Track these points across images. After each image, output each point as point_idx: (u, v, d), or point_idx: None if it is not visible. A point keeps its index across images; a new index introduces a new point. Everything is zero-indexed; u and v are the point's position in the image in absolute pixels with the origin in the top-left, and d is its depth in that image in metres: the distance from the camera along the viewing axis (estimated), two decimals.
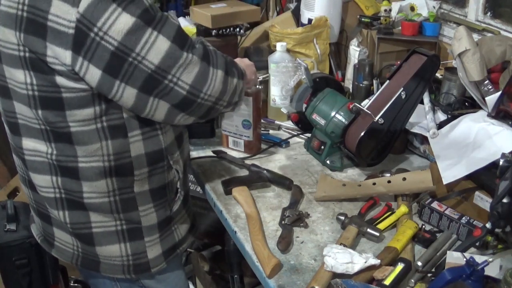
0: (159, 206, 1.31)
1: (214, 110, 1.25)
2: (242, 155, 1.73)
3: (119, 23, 1.04)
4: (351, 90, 2.02)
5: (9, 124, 1.25)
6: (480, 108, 1.61)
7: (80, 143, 1.17)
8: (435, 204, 1.39)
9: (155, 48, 1.08)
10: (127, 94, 1.11)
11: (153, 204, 1.29)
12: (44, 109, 1.14)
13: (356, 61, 2.01)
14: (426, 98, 1.74)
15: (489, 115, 1.54)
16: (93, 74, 1.07)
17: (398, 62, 1.66)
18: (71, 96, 1.11)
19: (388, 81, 1.62)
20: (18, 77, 1.13)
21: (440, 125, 1.64)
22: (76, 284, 2.26)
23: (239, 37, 2.22)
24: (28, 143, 1.22)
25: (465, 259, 1.11)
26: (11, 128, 1.25)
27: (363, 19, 2.18)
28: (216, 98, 1.21)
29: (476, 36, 1.91)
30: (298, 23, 2.28)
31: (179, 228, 1.39)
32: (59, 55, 1.06)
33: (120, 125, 1.18)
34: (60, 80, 1.10)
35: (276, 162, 1.71)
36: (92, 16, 1.03)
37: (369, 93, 1.91)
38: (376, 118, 1.51)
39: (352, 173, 1.65)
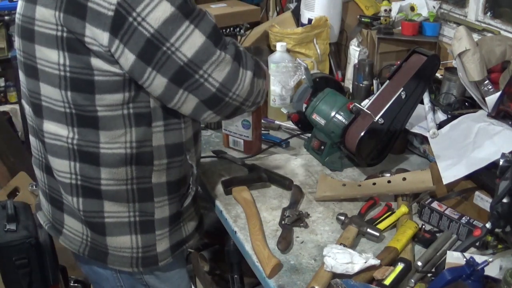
0: (173, 200, 1.32)
1: (240, 110, 1.27)
2: (242, 155, 1.73)
3: (158, 11, 1.07)
4: (351, 90, 2.02)
5: (32, 105, 1.26)
6: (480, 108, 1.61)
7: (105, 128, 1.18)
8: (435, 204, 1.39)
9: (190, 41, 1.10)
10: (157, 82, 1.13)
11: (168, 196, 1.31)
12: (74, 91, 1.16)
13: (356, 61, 2.01)
14: (426, 98, 1.74)
15: (489, 115, 1.54)
16: (127, 58, 1.10)
17: (398, 62, 1.66)
18: (103, 79, 1.13)
19: (388, 81, 1.62)
20: (52, 57, 1.15)
21: (440, 125, 1.64)
22: (76, 284, 2.25)
23: (239, 37, 2.22)
24: (50, 126, 1.23)
25: (465, 259, 1.11)
26: (34, 110, 1.26)
27: (363, 19, 2.18)
28: (244, 98, 1.23)
29: (476, 36, 1.91)
30: (298, 23, 2.28)
31: (187, 224, 1.40)
32: (97, 36, 1.08)
33: (146, 114, 1.20)
34: (95, 61, 1.11)
35: (276, 162, 1.71)
36: (132, 1, 1.06)
37: (369, 93, 1.91)
38: (376, 118, 1.51)
39: (352, 173, 1.65)
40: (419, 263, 1.21)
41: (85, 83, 1.14)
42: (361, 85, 1.94)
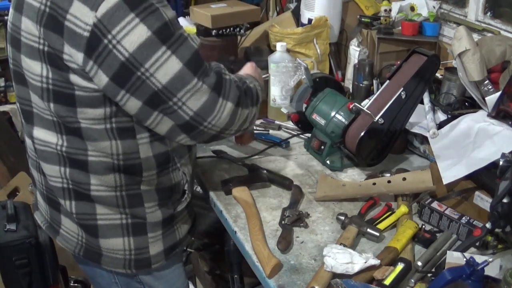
0: (164, 205, 1.32)
1: (219, 138, 1.25)
2: (241, 154, 1.73)
3: (134, 34, 1.04)
4: (351, 90, 2.02)
5: (23, 111, 1.26)
6: (480, 108, 1.61)
7: (90, 139, 1.18)
8: (435, 204, 1.39)
9: (165, 68, 1.08)
10: (131, 104, 1.12)
11: (158, 202, 1.30)
12: (56, 103, 1.15)
13: (356, 61, 2.01)
14: (426, 98, 1.74)
15: (489, 115, 1.54)
16: (101, 79, 1.08)
17: (398, 62, 1.66)
18: (83, 94, 1.12)
19: (388, 81, 1.62)
20: (35, 68, 1.14)
21: (440, 125, 1.64)
22: (76, 284, 2.25)
23: (239, 37, 2.22)
24: (39, 133, 1.23)
25: (465, 259, 1.11)
26: (25, 116, 1.26)
27: (363, 19, 2.18)
28: (222, 128, 1.20)
29: (476, 36, 1.91)
30: (298, 23, 2.28)
31: (180, 227, 1.39)
32: (73, 55, 1.07)
33: (129, 128, 1.19)
34: (74, 78, 1.11)
35: (276, 162, 1.71)
36: (108, 23, 1.03)
37: (369, 93, 1.91)
38: (376, 118, 1.51)
39: (352, 173, 1.65)
40: (419, 263, 1.21)
41: (66, 96, 1.13)
42: (361, 85, 1.94)
